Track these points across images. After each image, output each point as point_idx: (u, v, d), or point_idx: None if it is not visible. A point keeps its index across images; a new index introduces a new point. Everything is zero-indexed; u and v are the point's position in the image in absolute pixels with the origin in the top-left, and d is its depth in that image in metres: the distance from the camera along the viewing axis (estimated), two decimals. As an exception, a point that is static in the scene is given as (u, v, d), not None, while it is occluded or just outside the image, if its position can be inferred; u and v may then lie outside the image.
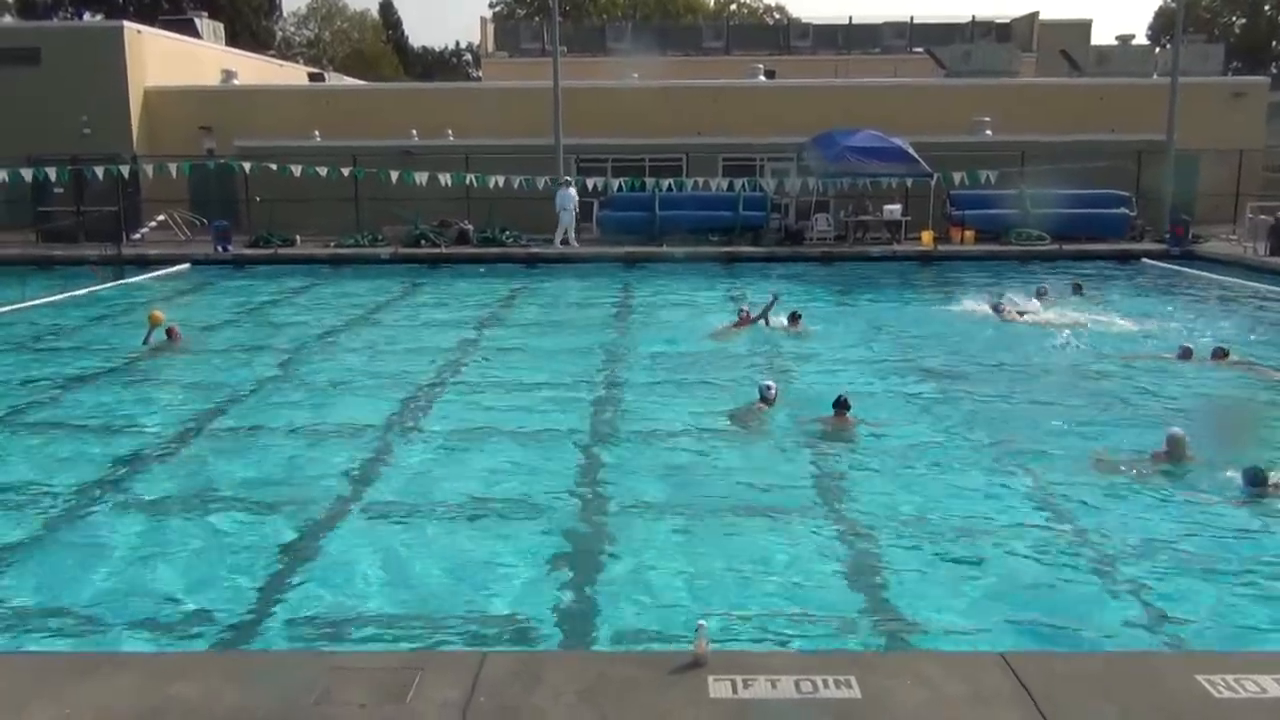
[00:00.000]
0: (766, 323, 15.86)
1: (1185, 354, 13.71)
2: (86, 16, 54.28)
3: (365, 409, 11.93)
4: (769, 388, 11.16)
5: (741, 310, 16.48)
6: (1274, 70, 52.35)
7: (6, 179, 24.77)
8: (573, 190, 26.56)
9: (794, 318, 15.87)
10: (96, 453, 10.31)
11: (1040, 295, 18.02)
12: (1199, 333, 15.44)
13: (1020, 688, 4.82)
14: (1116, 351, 14.53)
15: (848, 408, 10.61)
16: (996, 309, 17.13)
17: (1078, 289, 19.16)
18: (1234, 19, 60.20)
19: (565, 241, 26.31)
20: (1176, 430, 9.35)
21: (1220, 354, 13.60)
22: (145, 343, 15.16)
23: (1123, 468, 9.27)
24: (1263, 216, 24.28)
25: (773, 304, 16.03)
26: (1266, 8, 59.03)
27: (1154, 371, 13.44)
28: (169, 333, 15.39)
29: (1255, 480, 8.52)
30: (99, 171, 25.62)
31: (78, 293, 20.40)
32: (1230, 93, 31.71)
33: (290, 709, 4.69)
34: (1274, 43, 60.01)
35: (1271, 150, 30.99)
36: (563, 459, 10.00)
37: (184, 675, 5.03)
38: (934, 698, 4.77)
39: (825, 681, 4.85)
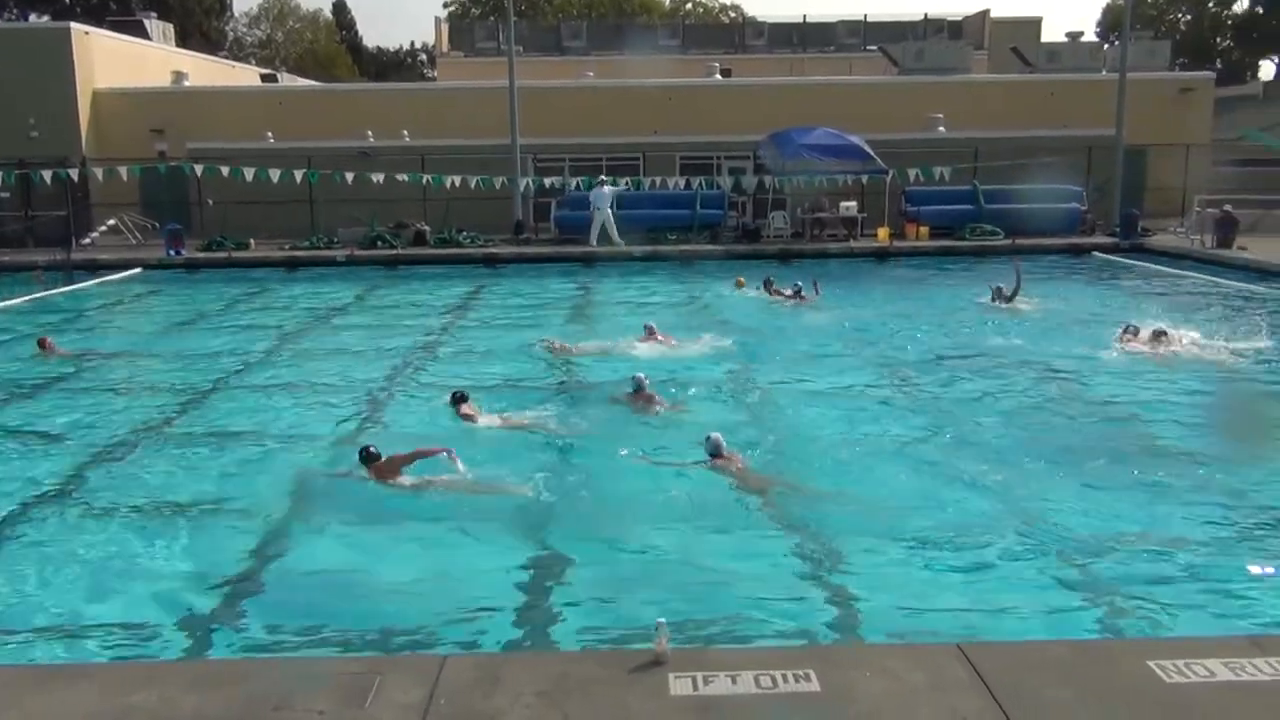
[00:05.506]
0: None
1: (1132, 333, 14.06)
2: (32, 18, 53.28)
3: (318, 413, 11.86)
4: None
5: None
6: (1219, 66, 53.30)
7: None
8: (606, 189, 26.42)
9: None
10: (44, 461, 10.14)
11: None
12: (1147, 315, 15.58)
13: (976, 676, 4.89)
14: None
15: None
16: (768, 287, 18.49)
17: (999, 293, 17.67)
18: (1179, 16, 61.15)
19: (610, 240, 26.22)
20: (714, 434, 9.30)
21: (1159, 335, 13.84)
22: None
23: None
24: (1210, 210, 24.77)
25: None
26: (1211, 4, 60.03)
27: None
28: (41, 344, 14.99)
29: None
30: (46, 175, 25.19)
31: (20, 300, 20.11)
32: (1177, 88, 32.27)
33: (250, 716, 4.67)
34: (1218, 39, 61.08)
35: (1218, 144, 31.54)
36: (520, 461, 9.97)
37: (144, 685, 4.98)
38: (892, 688, 4.83)
39: (784, 676, 4.90)
